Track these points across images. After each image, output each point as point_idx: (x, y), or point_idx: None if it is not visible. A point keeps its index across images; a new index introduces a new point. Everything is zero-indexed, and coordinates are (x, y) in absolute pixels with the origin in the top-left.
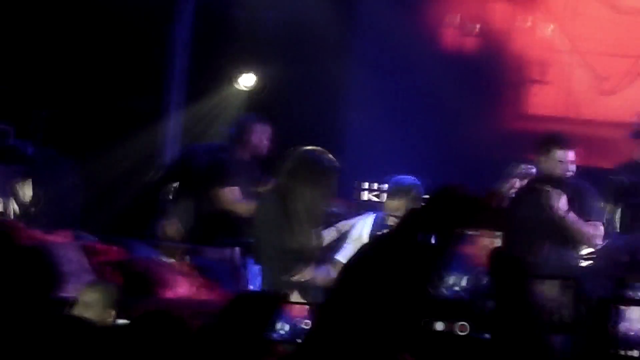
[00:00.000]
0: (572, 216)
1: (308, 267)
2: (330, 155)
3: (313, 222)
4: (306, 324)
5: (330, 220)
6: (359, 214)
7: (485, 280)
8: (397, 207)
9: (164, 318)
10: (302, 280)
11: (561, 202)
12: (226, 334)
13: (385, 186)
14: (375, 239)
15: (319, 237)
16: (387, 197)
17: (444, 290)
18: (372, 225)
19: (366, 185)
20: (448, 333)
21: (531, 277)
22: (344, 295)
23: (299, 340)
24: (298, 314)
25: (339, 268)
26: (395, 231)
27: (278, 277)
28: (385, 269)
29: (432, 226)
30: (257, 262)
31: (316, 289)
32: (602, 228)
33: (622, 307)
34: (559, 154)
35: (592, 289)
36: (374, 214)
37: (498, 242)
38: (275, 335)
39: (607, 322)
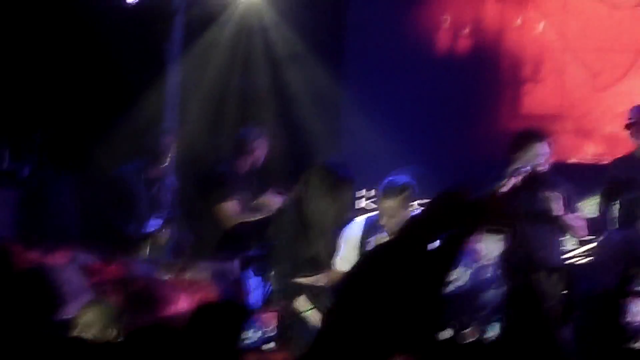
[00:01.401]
0: (567, 215)
1: (320, 273)
2: (347, 168)
3: (327, 232)
4: (275, 330)
5: None
6: None
7: (488, 274)
8: (392, 206)
9: (158, 332)
10: (313, 284)
11: (559, 203)
12: (194, 343)
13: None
14: (379, 247)
15: (333, 246)
16: (382, 196)
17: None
18: (364, 226)
19: (363, 192)
20: (457, 338)
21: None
22: (351, 304)
23: (271, 346)
24: (268, 321)
25: (332, 270)
26: (399, 238)
27: (289, 281)
28: (393, 277)
29: (438, 231)
30: (272, 267)
31: (325, 294)
32: (585, 221)
33: (628, 300)
34: (538, 147)
35: (593, 283)
36: (366, 216)
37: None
38: (246, 343)
39: (614, 315)
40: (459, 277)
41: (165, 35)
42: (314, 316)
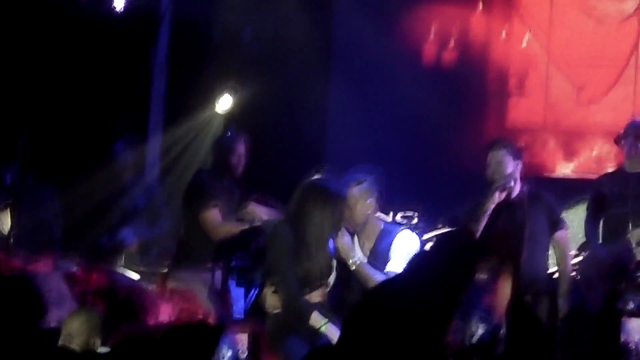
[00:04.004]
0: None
1: (318, 290)
2: (340, 182)
3: (323, 248)
4: (247, 350)
5: None
6: None
7: (503, 330)
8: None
9: (142, 344)
10: (315, 301)
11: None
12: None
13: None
14: (389, 282)
15: (329, 262)
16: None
17: (464, 340)
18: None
19: None
20: None
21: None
22: (360, 339)
23: None
24: (241, 339)
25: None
26: (408, 275)
27: (296, 301)
28: (402, 315)
29: (445, 271)
30: (276, 288)
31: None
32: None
33: (621, 318)
34: (496, 155)
35: (579, 299)
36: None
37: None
38: None
39: (603, 333)
40: (475, 332)
41: (152, 41)
42: (329, 330)
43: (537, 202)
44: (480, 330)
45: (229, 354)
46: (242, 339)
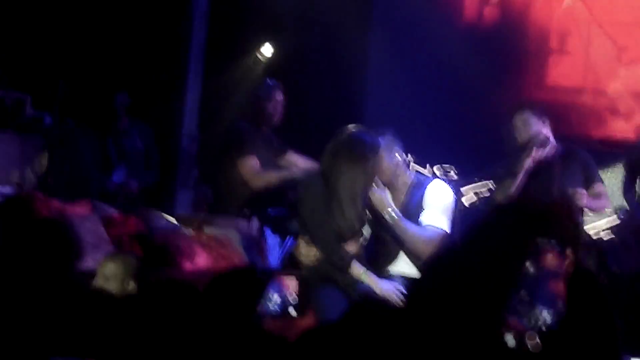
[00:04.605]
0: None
1: (352, 241)
2: (374, 135)
3: (355, 203)
4: (295, 297)
5: None
6: None
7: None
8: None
9: (176, 287)
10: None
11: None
12: (212, 304)
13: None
14: (452, 248)
15: (362, 216)
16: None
17: (530, 326)
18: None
19: None
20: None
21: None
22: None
23: (293, 312)
24: (288, 285)
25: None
26: (469, 242)
27: (333, 252)
28: (460, 280)
29: (503, 241)
30: (311, 240)
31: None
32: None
33: None
34: (517, 118)
35: (618, 261)
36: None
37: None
38: (267, 308)
39: None
40: (542, 319)
41: None
42: (369, 278)
43: (571, 159)
44: (546, 317)
45: (278, 299)
46: (291, 284)
